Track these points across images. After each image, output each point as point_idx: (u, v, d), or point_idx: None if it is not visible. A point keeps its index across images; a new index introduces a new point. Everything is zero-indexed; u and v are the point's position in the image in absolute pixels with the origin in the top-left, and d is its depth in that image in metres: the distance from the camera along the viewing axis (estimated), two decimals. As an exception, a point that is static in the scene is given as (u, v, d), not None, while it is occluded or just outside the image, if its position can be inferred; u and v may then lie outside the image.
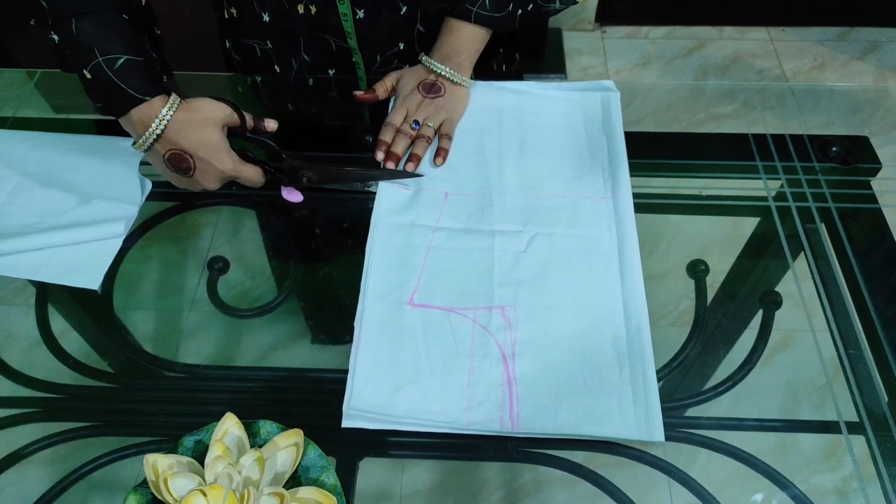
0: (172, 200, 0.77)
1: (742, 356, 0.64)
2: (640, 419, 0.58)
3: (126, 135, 0.70)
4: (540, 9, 0.80)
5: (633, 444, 0.57)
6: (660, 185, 0.78)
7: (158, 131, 0.66)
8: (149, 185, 0.76)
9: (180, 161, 0.68)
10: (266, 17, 0.84)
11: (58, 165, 0.77)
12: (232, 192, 0.76)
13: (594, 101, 0.83)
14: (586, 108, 0.83)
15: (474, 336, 0.63)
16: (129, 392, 0.63)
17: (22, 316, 0.68)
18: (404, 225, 0.72)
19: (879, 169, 0.78)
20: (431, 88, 0.79)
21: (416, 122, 0.78)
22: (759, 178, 0.77)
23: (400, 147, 0.76)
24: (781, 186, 0.77)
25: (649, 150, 0.80)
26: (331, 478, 0.53)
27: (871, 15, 2.28)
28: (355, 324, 0.64)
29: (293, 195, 0.75)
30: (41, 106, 0.90)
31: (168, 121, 0.66)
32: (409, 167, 0.76)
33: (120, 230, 0.72)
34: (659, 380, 0.61)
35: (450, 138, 0.79)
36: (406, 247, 0.70)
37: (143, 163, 0.77)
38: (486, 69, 0.92)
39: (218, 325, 0.68)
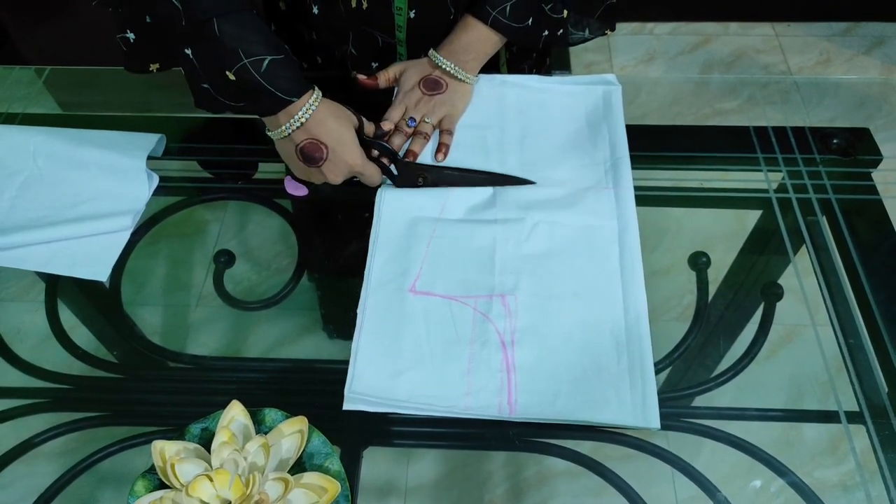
0: (179, 195, 0.78)
1: (744, 349, 0.64)
2: (637, 406, 0.58)
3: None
4: (570, 35, 0.81)
5: (636, 434, 0.58)
6: (661, 178, 0.78)
7: (303, 120, 0.67)
8: (156, 180, 0.77)
9: (314, 151, 0.69)
10: (315, 10, 0.84)
11: (67, 160, 0.78)
12: (238, 187, 0.77)
13: (596, 94, 0.83)
14: (588, 101, 0.83)
15: (474, 323, 0.64)
16: (137, 383, 0.64)
17: (32, 311, 0.69)
18: (407, 216, 0.72)
19: (880, 161, 0.78)
20: (433, 86, 0.79)
21: (413, 119, 0.78)
22: (760, 171, 0.78)
23: (395, 144, 0.77)
24: (782, 179, 0.77)
25: (650, 144, 0.80)
26: (335, 464, 0.54)
27: (877, 9, 2.27)
28: (358, 310, 0.65)
29: (297, 189, 0.76)
30: (50, 103, 0.91)
31: (313, 111, 0.68)
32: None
33: (128, 223, 0.73)
34: (660, 371, 0.61)
35: (451, 133, 0.79)
36: (409, 236, 0.70)
37: (150, 157, 0.78)
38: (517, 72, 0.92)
39: (225, 318, 0.68)
